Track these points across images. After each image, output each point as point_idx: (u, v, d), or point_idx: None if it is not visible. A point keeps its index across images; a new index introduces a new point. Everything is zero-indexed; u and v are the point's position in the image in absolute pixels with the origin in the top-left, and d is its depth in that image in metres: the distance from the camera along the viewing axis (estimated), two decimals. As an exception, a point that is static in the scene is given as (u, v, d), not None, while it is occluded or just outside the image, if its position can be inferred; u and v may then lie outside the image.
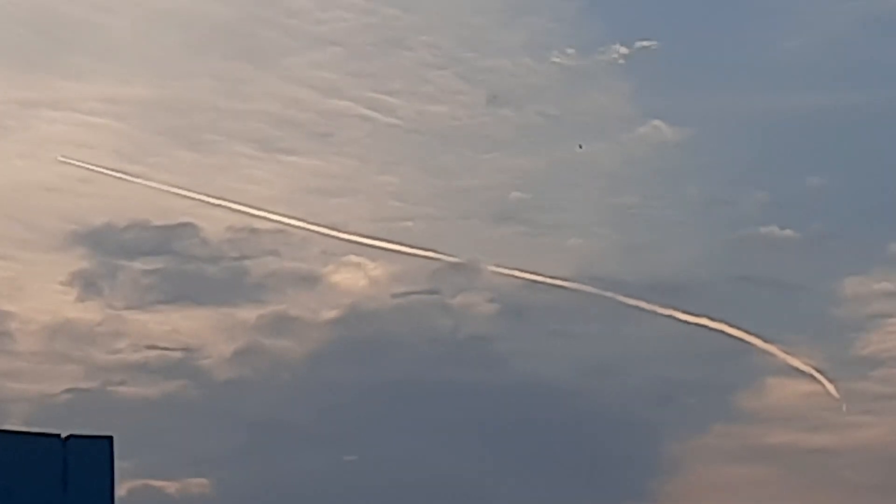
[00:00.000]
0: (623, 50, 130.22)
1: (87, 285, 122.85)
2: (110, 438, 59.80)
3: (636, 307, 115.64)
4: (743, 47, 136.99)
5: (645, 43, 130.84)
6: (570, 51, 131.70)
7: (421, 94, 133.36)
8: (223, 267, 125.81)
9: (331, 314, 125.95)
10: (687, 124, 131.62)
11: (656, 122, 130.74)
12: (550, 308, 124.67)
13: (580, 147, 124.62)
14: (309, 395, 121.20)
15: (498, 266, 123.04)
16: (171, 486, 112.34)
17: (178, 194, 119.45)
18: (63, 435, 60.18)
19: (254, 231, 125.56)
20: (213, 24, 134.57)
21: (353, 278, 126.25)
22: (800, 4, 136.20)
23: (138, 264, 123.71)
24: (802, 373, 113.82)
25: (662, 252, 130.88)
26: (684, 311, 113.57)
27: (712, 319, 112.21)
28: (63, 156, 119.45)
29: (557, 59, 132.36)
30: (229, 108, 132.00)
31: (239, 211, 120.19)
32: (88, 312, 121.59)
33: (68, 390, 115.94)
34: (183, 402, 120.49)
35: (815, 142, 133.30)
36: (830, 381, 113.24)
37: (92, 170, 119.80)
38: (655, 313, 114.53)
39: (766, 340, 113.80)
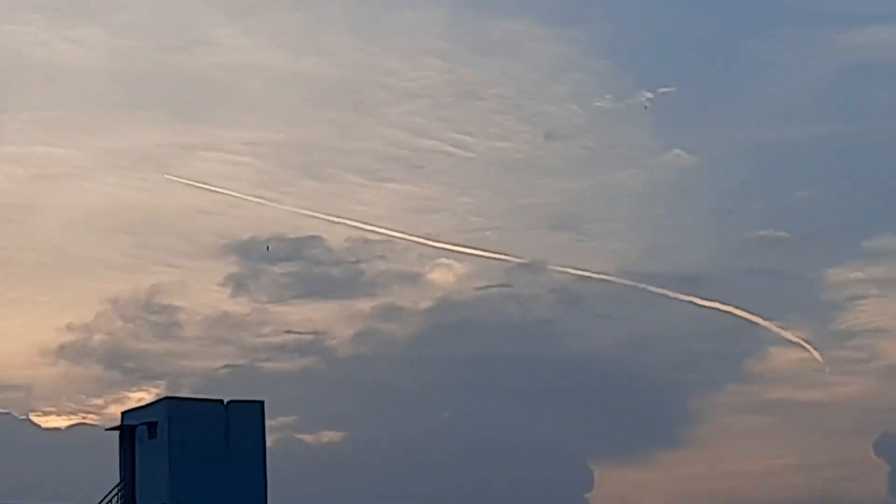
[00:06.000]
0: (648, 95, 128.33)
1: (238, 285, 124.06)
2: (261, 403, 61.36)
3: (663, 295, 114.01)
4: (743, 91, 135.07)
5: (665, 89, 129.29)
6: (607, 97, 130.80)
7: (491, 133, 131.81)
8: (343, 269, 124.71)
9: (427, 304, 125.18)
10: (701, 152, 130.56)
11: (677, 151, 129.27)
12: (597, 296, 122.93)
13: None
14: (413, 367, 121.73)
15: (556, 265, 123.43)
16: (309, 438, 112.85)
17: (306, 214, 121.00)
18: (225, 400, 62.00)
19: (366, 241, 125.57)
20: (329, 83, 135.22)
21: (444, 276, 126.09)
22: (786, 57, 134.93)
23: (277, 269, 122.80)
24: (795, 343, 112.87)
25: (683, 251, 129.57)
26: (701, 297, 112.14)
27: (723, 303, 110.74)
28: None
29: (598, 104, 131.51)
30: (343, 148, 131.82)
31: (354, 226, 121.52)
32: (240, 306, 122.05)
33: (226, 366, 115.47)
34: (315, 373, 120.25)
35: (802, 164, 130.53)
36: (816, 349, 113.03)
37: (230, 195, 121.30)
38: (679, 299, 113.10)
39: (766, 318, 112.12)
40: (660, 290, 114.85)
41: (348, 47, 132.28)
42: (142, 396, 77.18)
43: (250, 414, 61.85)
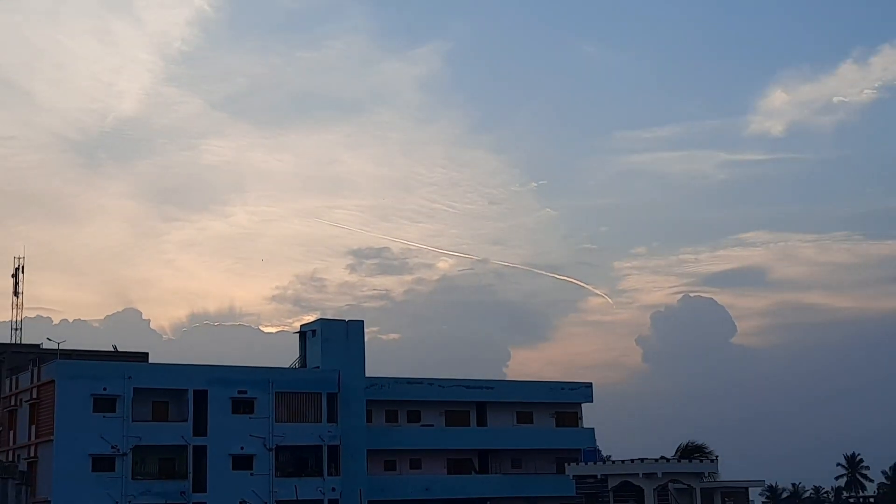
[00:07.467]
0: (534, 184, 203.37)
1: (352, 269, 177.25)
2: (362, 321, 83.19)
3: (540, 273, 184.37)
4: (584, 177, 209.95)
5: (543, 181, 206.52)
6: (517, 184, 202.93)
7: (465, 201, 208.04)
8: (398, 262, 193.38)
9: (436, 277, 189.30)
10: (560, 211, 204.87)
11: (547, 209, 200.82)
12: (512, 274, 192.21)
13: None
14: (430, 305, 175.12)
15: (494, 260, 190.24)
16: (384, 337, 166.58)
17: (382, 237, 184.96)
18: (346, 320, 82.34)
19: (409, 249, 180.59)
20: (391, 178, 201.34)
21: (444, 265, 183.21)
22: (596, 167, 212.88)
23: (369, 261, 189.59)
24: (600, 295, 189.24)
25: (550, 253, 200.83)
26: (559, 274, 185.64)
27: (569, 277, 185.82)
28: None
29: (512, 188, 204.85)
30: (398, 207, 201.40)
31: (403, 242, 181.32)
32: (352, 278, 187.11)
33: (347, 305, 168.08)
34: (387, 308, 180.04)
35: (606, 215, 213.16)
36: (609, 298, 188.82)
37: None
38: (548, 275, 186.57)
39: (587, 284, 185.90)
40: (538, 271, 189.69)
41: (399, 162, 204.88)
42: (309, 318, 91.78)
43: (357, 326, 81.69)
